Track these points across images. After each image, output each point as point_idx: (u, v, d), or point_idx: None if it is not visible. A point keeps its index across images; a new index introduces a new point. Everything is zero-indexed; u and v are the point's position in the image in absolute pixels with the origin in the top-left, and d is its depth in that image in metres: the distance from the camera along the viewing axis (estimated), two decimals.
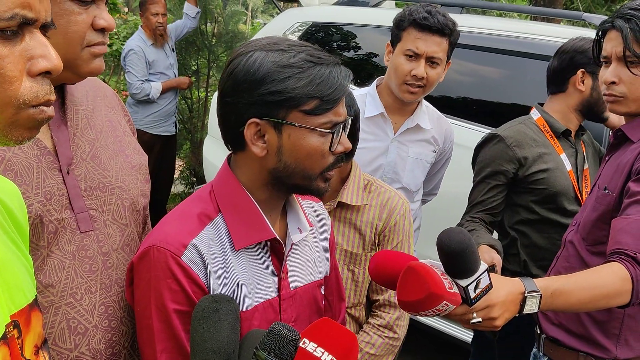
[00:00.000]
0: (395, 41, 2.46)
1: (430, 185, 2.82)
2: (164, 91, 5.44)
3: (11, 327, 0.83)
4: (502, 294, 1.42)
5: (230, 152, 1.43)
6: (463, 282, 1.35)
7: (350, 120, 1.38)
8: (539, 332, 2.07)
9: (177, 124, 5.80)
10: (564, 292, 1.52)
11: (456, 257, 1.34)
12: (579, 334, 1.91)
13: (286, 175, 1.33)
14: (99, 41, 1.25)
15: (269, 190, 1.37)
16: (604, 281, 1.56)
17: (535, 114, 2.56)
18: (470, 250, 1.34)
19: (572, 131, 2.53)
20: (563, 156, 2.48)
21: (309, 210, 1.57)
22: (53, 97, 0.83)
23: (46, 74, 0.82)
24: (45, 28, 0.84)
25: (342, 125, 1.33)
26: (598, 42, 1.94)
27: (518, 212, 2.49)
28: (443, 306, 1.31)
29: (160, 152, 5.56)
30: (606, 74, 1.87)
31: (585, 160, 2.55)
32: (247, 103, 1.29)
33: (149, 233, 1.35)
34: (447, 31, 2.36)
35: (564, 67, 2.47)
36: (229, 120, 1.34)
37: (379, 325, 2.03)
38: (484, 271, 1.38)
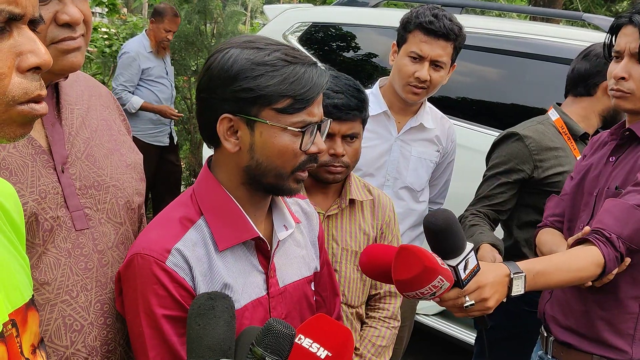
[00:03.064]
0: (400, 42, 2.47)
1: (434, 190, 2.81)
2: (147, 109, 5.39)
3: (9, 326, 0.83)
4: (490, 275, 1.47)
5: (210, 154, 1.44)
6: (453, 262, 1.39)
7: (328, 121, 1.38)
8: (545, 334, 2.05)
9: (174, 137, 5.74)
10: (546, 274, 1.59)
11: (443, 234, 1.39)
12: (591, 337, 1.88)
13: (259, 174, 1.33)
14: (65, 37, 1.21)
15: (247, 189, 1.37)
16: (582, 266, 1.65)
17: (553, 114, 2.52)
18: (456, 227, 1.40)
19: (590, 134, 2.50)
20: (579, 159, 2.43)
21: (295, 208, 1.57)
22: (44, 92, 0.83)
23: (36, 69, 0.81)
24: (33, 23, 0.83)
25: (316, 126, 1.32)
26: (611, 36, 1.91)
27: (528, 212, 2.48)
28: (438, 282, 1.35)
29: (156, 161, 5.55)
30: (617, 69, 1.85)
31: None
32: (220, 99, 1.30)
33: (134, 242, 1.36)
34: (453, 36, 2.37)
35: (595, 71, 2.41)
36: (204, 115, 1.36)
37: (385, 317, 2.07)
38: (471, 250, 1.43)
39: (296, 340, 1.13)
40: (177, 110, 5.53)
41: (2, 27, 0.77)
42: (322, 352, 1.14)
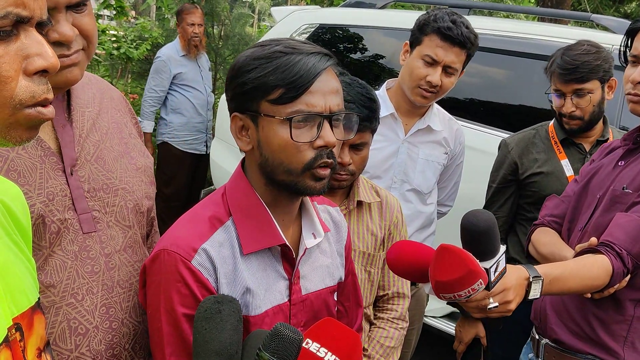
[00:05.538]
0: (414, 43, 2.45)
1: (443, 193, 2.80)
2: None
3: (13, 330, 0.82)
4: (513, 277, 1.49)
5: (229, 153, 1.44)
6: (487, 264, 1.38)
7: (342, 114, 1.32)
8: (537, 337, 2.05)
9: (209, 145, 5.50)
10: (561, 280, 1.62)
11: (483, 236, 1.37)
12: (585, 335, 1.88)
13: (270, 171, 1.31)
14: (58, 54, 1.19)
15: (270, 191, 1.35)
16: (595, 274, 1.68)
17: (554, 119, 2.66)
18: (496, 229, 1.39)
19: (584, 140, 2.58)
20: (564, 162, 2.56)
21: (324, 216, 1.54)
22: (50, 96, 0.82)
23: (43, 72, 0.80)
24: (41, 26, 0.82)
25: (323, 118, 1.27)
26: (627, 40, 1.91)
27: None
28: (478, 285, 1.33)
29: (192, 169, 5.48)
30: (634, 73, 1.84)
31: None
32: (230, 99, 1.33)
33: (162, 236, 1.35)
34: (469, 45, 2.37)
35: None
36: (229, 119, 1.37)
37: (393, 318, 2.07)
38: (503, 252, 1.42)
39: (304, 344, 1.12)
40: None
41: (10, 30, 0.77)
42: (330, 357, 1.13)
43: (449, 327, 3.70)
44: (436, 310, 3.71)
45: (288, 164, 1.28)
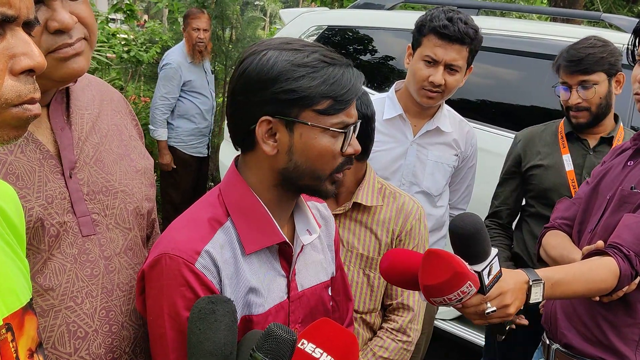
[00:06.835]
0: (415, 45, 2.44)
1: (455, 195, 2.77)
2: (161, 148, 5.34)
3: (4, 330, 0.82)
4: (511, 282, 1.46)
5: (237, 154, 1.42)
6: (478, 267, 1.38)
7: (358, 122, 1.37)
8: (548, 342, 2.02)
9: (210, 146, 5.61)
10: (564, 284, 1.59)
11: (471, 239, 1.37)
12: (595, 339, 1.85)
13: (296, 176, 1.32)
14: (61, 44, 1.17)
15: (278, 191, 1.36)
16: (601, 278, 1.64)
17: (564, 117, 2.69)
18: (484, 231, 1.39)
19: (590, 136, 2.59)
20: (566, 157, 2.59)
21: (314, 212, 1.55)
22: (37, 95, 0.82)
23: (30, 72, 0.80)
24: (28, 25, 0.82)
25: (352, 127, 1.32)
26: (635, 39, 1.89)
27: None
28: (467, 287, 1.33)
29: (197, 171, 5.53)
30: None
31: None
32: (259, 101, 1.28)
33: (158, 240, 1.33)
34: (468, 40, 2.33)
35: None
36: (239, 118, 1.33)
37: (392, 329, 2.01)
38: (495, 255, 1.41)
39: (299, 345, 1.12)
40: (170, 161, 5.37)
41: None
42: (326, 358, 1.12)
43: (459, 331, 3.67)
44: (445, 313, 3.68)
45: (320, 170, 1.32)
